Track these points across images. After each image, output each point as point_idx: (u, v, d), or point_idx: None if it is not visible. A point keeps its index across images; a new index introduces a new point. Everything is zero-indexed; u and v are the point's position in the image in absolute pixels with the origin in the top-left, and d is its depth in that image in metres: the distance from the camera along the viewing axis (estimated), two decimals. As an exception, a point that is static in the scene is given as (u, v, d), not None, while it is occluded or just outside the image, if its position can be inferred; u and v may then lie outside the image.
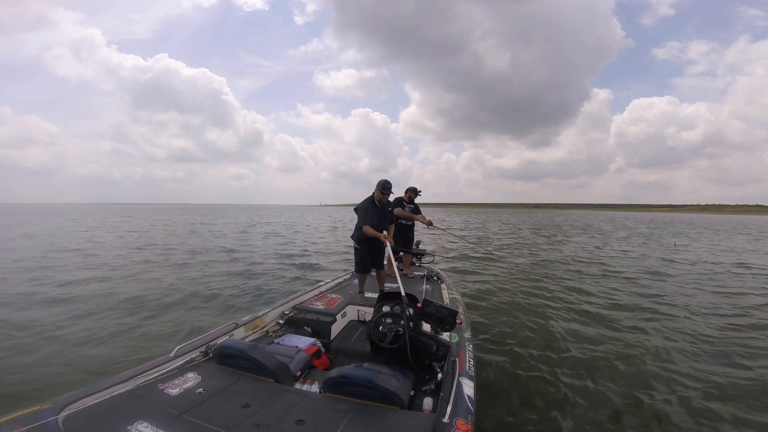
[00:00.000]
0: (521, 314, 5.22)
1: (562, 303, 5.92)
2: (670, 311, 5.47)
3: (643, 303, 5.91)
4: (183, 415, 1.65)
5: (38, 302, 5.41)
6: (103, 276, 7.49)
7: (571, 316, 5.18)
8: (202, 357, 2.27)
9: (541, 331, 4.51)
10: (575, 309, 5.59)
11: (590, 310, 5.51)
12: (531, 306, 5.65)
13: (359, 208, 3.75)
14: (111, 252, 11.29)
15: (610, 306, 5.77)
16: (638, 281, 7.73)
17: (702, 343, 4.24)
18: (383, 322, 2.39)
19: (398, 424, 1.67)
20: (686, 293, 6.74)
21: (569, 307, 5.67)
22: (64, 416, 1.53)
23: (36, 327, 4.31)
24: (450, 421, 1.62)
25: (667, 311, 5.46)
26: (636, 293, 6.65)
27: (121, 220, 31.43)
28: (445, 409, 1.71)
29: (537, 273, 8.62)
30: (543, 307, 5.59)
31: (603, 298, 6.27)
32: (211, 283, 6.94)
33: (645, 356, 3.80)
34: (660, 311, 5.45)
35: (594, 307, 5.74)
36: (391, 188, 3.70)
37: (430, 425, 1.64)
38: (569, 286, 7.14)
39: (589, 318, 5.14)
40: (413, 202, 5.05)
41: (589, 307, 5.72)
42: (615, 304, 5.84)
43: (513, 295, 6.29)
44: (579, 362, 3.68)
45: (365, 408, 1.77)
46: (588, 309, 5.60)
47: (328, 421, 1.67)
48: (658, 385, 3.22)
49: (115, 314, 4.94)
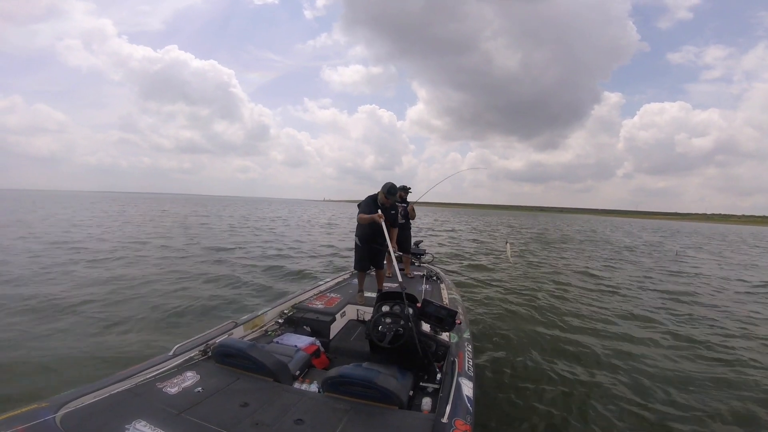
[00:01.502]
0: (521, 315, 5.23)
1: (562, 305, 5.93)
2: (671, 322, 5.39)
3: (650, 314, 5.67)
4: (182, 414, 1.64)
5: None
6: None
7: (571, 319, 5.19)
8: (201, 356, 2.26)
9: (541, 332, 4.52)
10: (575, 311, 5.61)
11: (591, 314, 5.53)
12: (531, 307, 5.66)
13: (361, 204, 3.74)
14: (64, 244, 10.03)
15: (613, 313, 5.74)
16: (646, 292, 7.54)
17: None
18: (383, 321, 2.39)
19: (397, 424, 1.67)
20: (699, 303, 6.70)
21: (569, 309, 5.68)
22: (61, 414, 1.53)
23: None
24: (449, 421, 1.62)
25: (668, 323, 5.33)
26: (646, 304, 6.48)
27: (118, 209, 30.94)
28: (444, 410, 1.71)
29: (538, 274, 8.64)
30: (543, 309, 5.60)
31: (605, 305, 6.26)
32: (141, 291, 5.63)
33: (645, 363, 3.79)
34: (656, 320, 5.36)
35: (595, 309, 5.75)
36: (396, 193, 3.72)
37: (429, 425, 1.63)
38: (569, 290, 7.15)
39: (590, 321, 5.16)
40: (405, 200, 5.05)
41: (589, 309, 5.74)
42: (619, 313, 5.71)
43: (513, 296, 6.30)
44: (579, 363, 3.69)
45: (364, 408, 1.76)
46: (589, 312, 5.62)
47: (327, 421, 1.66)
48: (655, 390, 3.22)
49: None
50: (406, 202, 5.04)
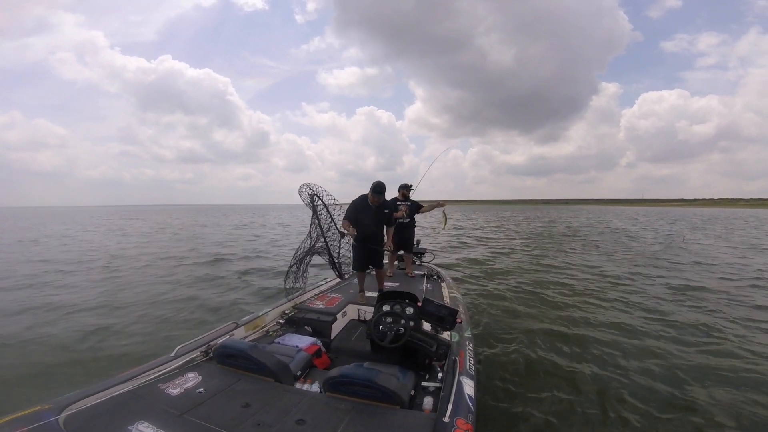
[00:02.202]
0: (523, 313, 5.21)
1: (565, 303, 5.90)
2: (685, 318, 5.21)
3: (659, 308, 5.54)
4: (183, 415, 1.65)
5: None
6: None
7: (576, 317, 5.14)
8: (202, 357, 2.27)
9: (545, 331, 4.49)
10: (581, 309, 5.56)
11: (593, 311, 5.49)
12: (533, 305, 5.64)
13: (351, 203, 3.70)
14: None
15: (615, 309, 5.65)
16: (655, 285, 7.37)
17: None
18: (383, 321, 2.40)
19: (399, 423, 1.67)
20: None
21: (575, 307, 5.64)
22: (64, 416, 1.54)
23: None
24: (450, 420, 1.62)
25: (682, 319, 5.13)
26: (653, 298, 6.27)
27: (121, 222, 30.75)
28: (445, 409, 1.71)
29: (540, 271, 8.61)
30: (546, 307, 5.58)
31: (609, 301, 6.20)
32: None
33: (651, 362, 3.69)
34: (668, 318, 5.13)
35: (595, 308, 5.72)
36: (381, 191, 3.57)
37: (430, 424, 1.64)
38: (572, 286, 7.12)
39: (592, 319, 5.12)
40: (408, 198, 5.05)
41: (592, 307, 5.70)
42: (623, 308, 5.60)
43: (515, 295, 6.28)
44: (583, 362, 3.67)
45: (366, 407, 1.77)
46: (591, 309, 5.58)
47: (328, 421, 1.67)
48: (664, 391, 3.16)
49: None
50: (410, 201, 5.04)
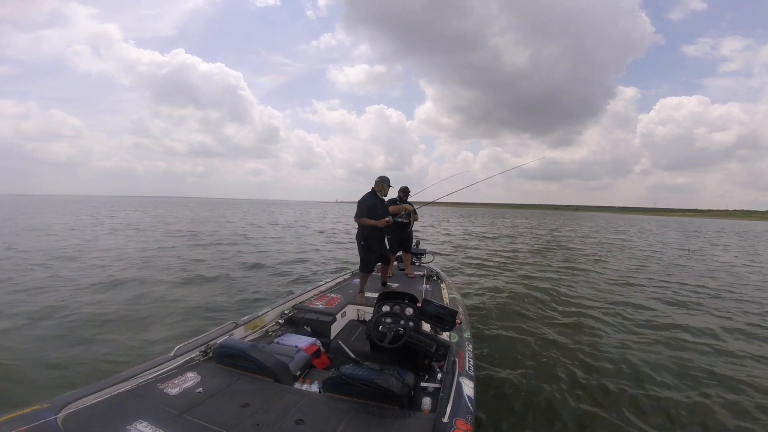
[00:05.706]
0: (522, 315, 5.22)
1: (565, 305, 5.92)
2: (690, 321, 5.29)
3: (661, 311, 5.61)
4: (183, 415, 1.65)
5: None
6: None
7: (575, 319, 5.16)
8: (201, 356, 2.27)
9: (543, 332, 4.50)
10: (578, 311, 5.59)
11: (592, 314, 5.50)
12: (533, 306, 5.65)
13: (364, 201, 3.82)
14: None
15: (615, 312, 5.66)
16: (654, 285, 7.52)
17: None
18: (383, 321, 2.40)
19: (398, 423, 1.67)
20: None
21: (572, 310, 5.66)
22: (63, 416, 1.53)
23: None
24: (450, 421, 1.63)
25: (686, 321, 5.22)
26: (653, 299, 6.42)
27: (125, 213, 30.40)
28: (444, 409, 1.71)
29: (540, 274, 8.62)
30: (545, 308, 5.59)
31: (608, 303, 6.22)
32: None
33: (648, 362, 3.75)
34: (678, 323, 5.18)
35: (596, 311, 5.73)
36: (390, 183, 4.02)
37: (429, 425, 1.64)
38: (572, 289, 7.14)
39: (591, 321, 5.13)
40: (405, 202, 5.05)
41: (591, 311, 5.71)
42: (622, 311, 5.63)
43: (514, 296, 6.28)
44: (582, 363, 3.68)
45: (365, 407, 1.77)
46: (590, 312, 5.59)
47: (327, 421, 1.67)
48: (660, 390, 3.21)
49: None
50: (407, 203, 5.04)
